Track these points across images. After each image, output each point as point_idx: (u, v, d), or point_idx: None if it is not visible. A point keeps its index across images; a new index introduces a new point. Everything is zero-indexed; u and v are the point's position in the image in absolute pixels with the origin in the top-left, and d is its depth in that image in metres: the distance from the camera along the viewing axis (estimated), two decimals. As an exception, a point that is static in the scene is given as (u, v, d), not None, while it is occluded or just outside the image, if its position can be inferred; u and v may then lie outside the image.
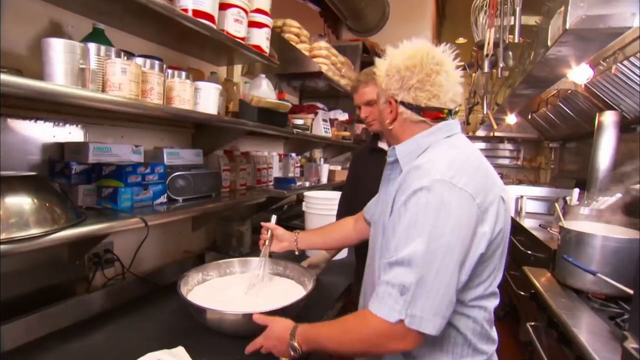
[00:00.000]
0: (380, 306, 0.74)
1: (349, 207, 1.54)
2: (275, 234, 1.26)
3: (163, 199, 1.26)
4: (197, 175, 1.38)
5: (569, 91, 3.04)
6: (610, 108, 2.63)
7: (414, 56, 0.83)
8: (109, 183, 1.10)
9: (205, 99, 1.35)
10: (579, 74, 1.95)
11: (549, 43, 1.36)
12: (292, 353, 0.87)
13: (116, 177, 1.09)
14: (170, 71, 1.25)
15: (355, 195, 1.49)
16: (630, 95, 2.36)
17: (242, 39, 1.48)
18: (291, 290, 1.19)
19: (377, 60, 0.93)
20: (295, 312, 1.08)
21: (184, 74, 1.28)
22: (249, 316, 0.95)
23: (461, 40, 4.62)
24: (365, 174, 1.47)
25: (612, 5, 1.05)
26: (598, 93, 2.60)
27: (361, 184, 1.48)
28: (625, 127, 2.62)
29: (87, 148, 1.10)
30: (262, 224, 1.28)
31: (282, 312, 0.99)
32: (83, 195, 1.10)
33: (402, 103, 0.86)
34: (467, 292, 0.81)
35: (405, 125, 0.88)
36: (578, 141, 3.82)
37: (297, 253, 1.26)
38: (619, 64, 2.07)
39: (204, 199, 1.42)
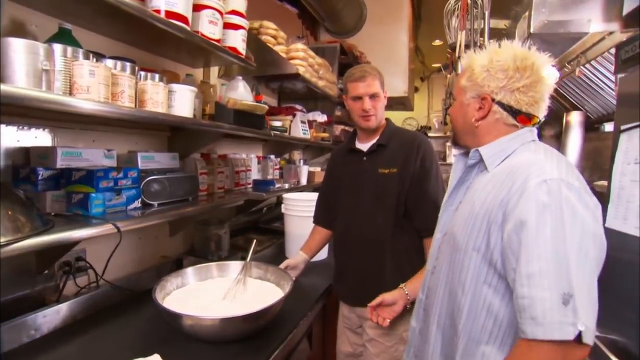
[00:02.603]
0: (545, 328, 0.64)
1: (326, 205, 1.56)
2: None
3: (137, 203, 1.23)
4: (173, 179, 1.36)
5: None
6: (576, 109, 2.77)
7: (526, 59, 0.81)
8: (79, 189, 1.06)
9: (180, 101, 1.33)
10: (545, 76, 2.02)
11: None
12: None
13: (86, 183, 1.06)
14: (143, 73, 1.23)
15: (332, 194, 1.50)
16: (593, 97, 2.49)
17: (218, 40, 1.46)
18: (270, 294, 1.19)
19: (469, 53, 0.91)
20: (273, 315, 1.08)
21: (157, 76, 1.26)
22: (225, 321, 0.95)
23: (437, 42, 4.72)
24: (341, 174, 1.47)
25: (570, 11, 1.11)
26: (565, 94, 2.73)
27: (337, 183, 1.48)
28: (589, 126, 2.76)
29: (55, 153, 1.06)
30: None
31: (258, 315, 0.98)
32: (51, 202, 1.06)
33: (500, 103, 0.84)
34: None
35: (493, 125, 0.86)
36: (547, 140, 3.99)
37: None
38: (581, 67, 2.18)
39: (180, 203, 1.40)
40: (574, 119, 2.78)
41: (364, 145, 1.41)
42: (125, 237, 1.47)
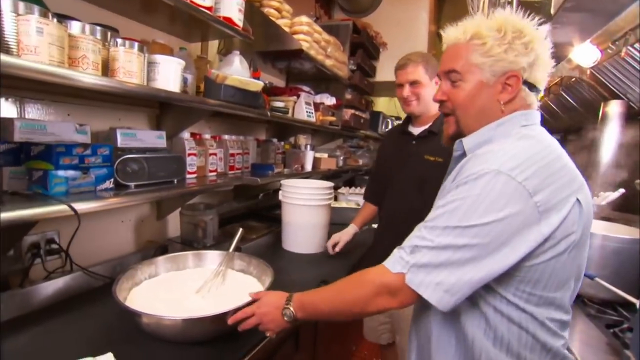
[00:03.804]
0: (390, 259, 0.73)
1: (375, 182, 1.67)
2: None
3: (109, 184, 1.12)
4: (153, 158, 1.24)
5: (573, 79, 2.87)
6: (616, 97, 2.47)
7: (532, 29, 0.73)
8: (37, 165, 0.96)
9: (165, 74, 1.21)
10: (584, 56, 1.78)
11: (552, 11, 1.21)
12: (285, 320, 0.85)
13: (45, 159, 0.95)
14: (120, 40, 1.10)
15: (382, 173, 1.59)
16: (638, 83, 2.19)
17: (209, 8, 1.32)
18: (249, 289, 1.06)
19: (468, 19, 0.78)
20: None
21: (137, 45, 1.13)
22: (188, 322, 0.83)
23: (463, 25, 4.40)
24: (391, 155, 1.54)
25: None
26: (604, 80, 2.42)
27: (386, 163, 1.56)
28: (631, 117, 2.46)
29: (12, 124, 0.96)
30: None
31: (232, 314, 0.86)
32: (9, 179, 0.97)
33: (526, 82, 0.75)
34: (508, 288, 0.70)
35: (515, 106, 0.76)
36: (580, 133, 3.65)
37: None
38: (629, 47, 1.90)
39: (163, 185, 1.28)
40: (613, 109, 2.48)
41: (416, 129, 1.47)
42: (105, 219, 1.39)
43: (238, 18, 1.49)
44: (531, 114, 0.77)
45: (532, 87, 0.75)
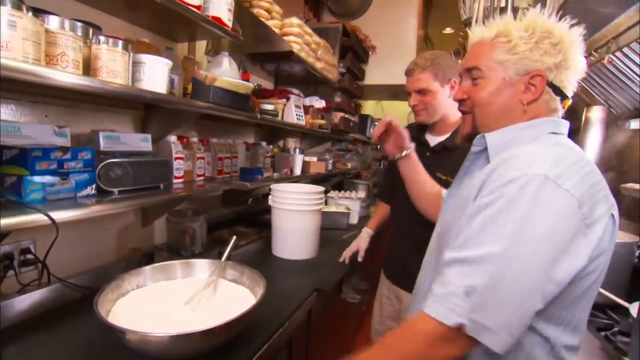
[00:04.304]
0: (440, 308, 0.60)
1: (389, 183, 1.56)
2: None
3: (91, 190, 1.05)
4: (138, 163, 1.18)
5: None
6: (598, 103, 2.54)
7: (564, 31, 0.70)
8: (11, 170, 0.89)
9: (151, 75, 1.16)
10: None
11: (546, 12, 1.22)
12: None
13: (19, 163, 0.88)
14: (102, 38, 1.04)
15: (393, 175, 1.46)
16: (619, 90, 2.26)
17: (197, 7, 1.27)
18: (240, 301, 1.02)
19: (497, 19, 0.75)
20: (238, 329, 0.91)
21: (120, 43, 1.07)
22: (178, 338, 0.78)
23: (448, 30, 4.46)
24: None
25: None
26: (586, 87, 2.49)
27: (395, 165, 1.49)
28: (612, 122, 2.54)
29: (-18, 126, 0.89)
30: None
31: (222, 329, 0.81)
32: (-21, 185, 0.90)
33: (551, 85, 0.70)
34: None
35: (538, 110, 0.72)
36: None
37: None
38: (610, 55, 1.95)
39: (148, 191, 1.22)
40: (595, 114, 2.54)
41: (432, 138, 1.37)
42: (86, 227, 1.31)
43: (227, 18, 1.44)
44: (561, 122, 0.73)
45: (557, 91, 0.71)
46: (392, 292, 1.49)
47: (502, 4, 1.69)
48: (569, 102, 0.74)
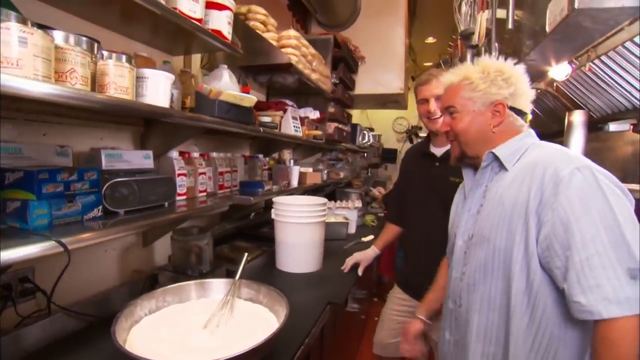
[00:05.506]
0: (621, 305, 0.68)
1: (399, 205, 1.66)
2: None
3: (97, 212, 1.00)
4: (144, 181, 1.13)
5: (539, 90, 3.06)
6: (578, 107, 2.66)
7: (511, 68, 0.92)
8: (15, 195, 0.83)
9: (154, 89, 1.12)
10: (558, 72, 1.90)
11: (547, 29, 1.26)
12: None
13: (25, 187, 0.82)
14: (105, 53, 1.00)
15: (405, 195, 1.60)
16: (598, 95, 2.38)
17: (199, 20, 1.25)
18: (261, 322, 0.98)
19: (455, 68, 1.00)
20: (263, 354, 0.87)
21: (124, 57, 1.03)
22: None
23: (430, 40, 4.59)
24: (413, 177, 1.55)
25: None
26: (567, 92, 2.61)
27: (409, 186, 1.57)
28: (591, 126, 2.66)
29: (-18, 148, 0.83)
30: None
31: (249, 355, 0.78)
32: (-22, 212, 0.83)
33: (512, 108, 0.91)
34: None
35: (507, 128, 0.92)
36: (546, 140, 3.90)
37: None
38: (590, 63, 2.06)
39: (153, 210, 1.17)
40: (577, 118, 2.66)
41: (438, 150, 1.45)
42: (86, 251, 1.24)
43: (227, 31, 1.43)
44: (533, 134, 0.93)
45: (518, 112, 0.92)
46: (407, 307, 1.52)
47: (497, 16, 1.74)
48: (529, 117, 0.96)
